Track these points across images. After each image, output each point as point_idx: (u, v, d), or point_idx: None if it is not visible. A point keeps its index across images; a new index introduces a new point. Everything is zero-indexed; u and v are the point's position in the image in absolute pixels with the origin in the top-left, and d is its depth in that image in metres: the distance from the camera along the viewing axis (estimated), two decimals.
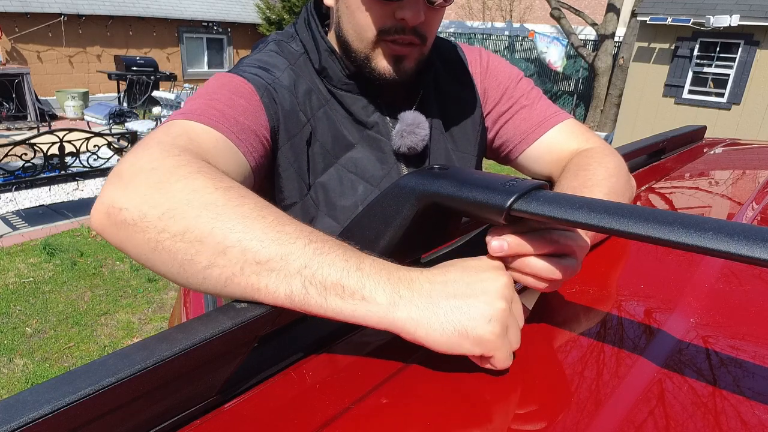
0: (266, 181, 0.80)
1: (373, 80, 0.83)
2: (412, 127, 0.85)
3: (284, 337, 0.54)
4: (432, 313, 0.45)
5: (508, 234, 0.51)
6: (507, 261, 0.52)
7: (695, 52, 8.59)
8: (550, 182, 0.93)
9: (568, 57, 11.13)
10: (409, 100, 0.89)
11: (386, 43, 0.78)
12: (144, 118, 8.50)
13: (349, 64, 0.84)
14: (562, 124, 0.94)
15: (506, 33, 13.57)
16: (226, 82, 0.75)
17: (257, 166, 0.73)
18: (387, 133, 0.87)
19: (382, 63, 0.80)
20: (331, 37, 0.86)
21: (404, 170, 0.88)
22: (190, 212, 0.48)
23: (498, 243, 0.51)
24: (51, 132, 4.43)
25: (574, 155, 0.89)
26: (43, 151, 4.24)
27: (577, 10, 10.75)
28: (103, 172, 4.81)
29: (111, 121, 8.12)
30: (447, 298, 0.46)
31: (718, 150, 1.48)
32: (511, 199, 0.47)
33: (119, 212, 0.50)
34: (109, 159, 4.85)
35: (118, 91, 10.02)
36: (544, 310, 0.59)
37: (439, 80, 0.93)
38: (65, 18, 10.37)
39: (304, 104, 0.81)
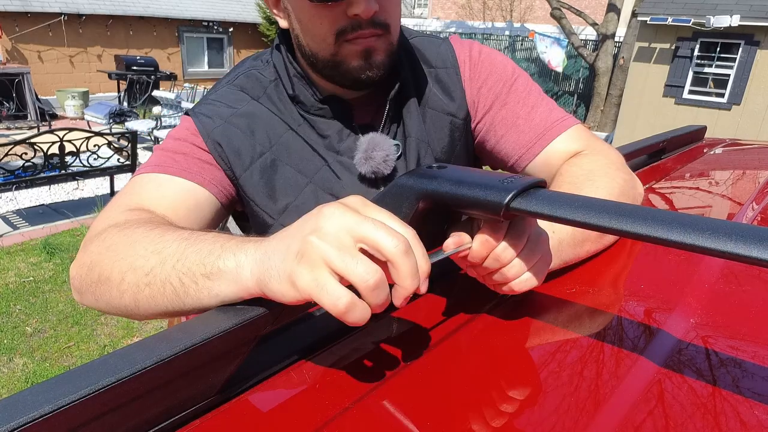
0: (247, 208, 0.86)
1: (348, 86, 0.81)
2: (368, 153, 0.81)
3: (284, 336, 0.54)
4: (268, 264, 0.43)
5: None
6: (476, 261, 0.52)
7: (695, 53, 8.59)
8: None
9: (569, 57, 11.12)
10: (378, 113, 0.85)
11: (349, 43, 0.75)
12: (144, 117, 8.50)
13: (322, 79, 0.82)
14: (565, 133, 0.85)
15: (507, 33, 13.56)
16: (177, 135, 0.82)
17: (221, 191, 0.81)
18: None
19: (352, 63, 0.76)
20: (302, 64, 0.84)
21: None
22: (99, 261, 0.59)
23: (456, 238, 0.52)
24: (51, 131, 4.42)
25: (574, 158, 0.82)
26: (43, 150, 4.23)
27: (577, 11, 10.75)
28: (103, 171, 4.81)
29: (111, 121, 8.12)
30: (277, 244, 0.44)
31: (719, 150, 1.48)
32: (509, 197, 0.47)
33: (72, 283, 0.66)
34: (109, 158, 4.85)
35: (119, 91, 10.02)
36: (543, 310, 0.59)
37: (419, 90, 0.87)
38: (65, 17, 10.37)
39: (264, 134, 0.83)
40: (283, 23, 0.81)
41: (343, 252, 0.40)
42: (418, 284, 0.42)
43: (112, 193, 5.36)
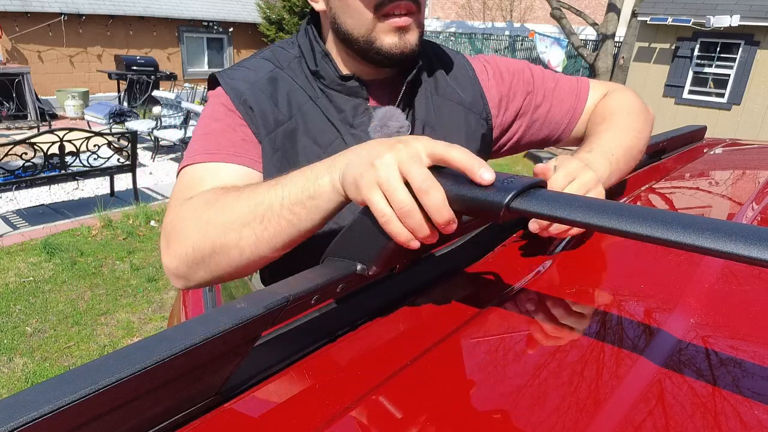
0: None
1: (379, 63, 0.87)
2: (383, 121, 0.88)
3: (284, 336, 0.54)
4: (346, 169, 0.56)
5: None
6: None
7: (695, 53, 8.59)
8: None
9: (569, 57, 11.12)
10: (394, 93, 0.93)
11: (385, 19, 0.81)
12: (144, 117, 8.49)
13: (349, 64, 0.90)
14: (590, 89, 1.05)
15: (507, 33, 13.57)
16: (215, 116, 0.87)
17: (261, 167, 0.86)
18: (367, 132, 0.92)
19: (386, 40, 0.83)
20: (329, 45, 0.92)
21: None
22: (203, 238, 0.68)
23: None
24: (51, 131, 4.42)
25: (603, 101, 1.02)
26: (43, 150, 4.24)
27: (577, 10, 10.74)
28: (103, 171, 4.81)
29: (111, 121, 8.12)
30: (353, 153, 0.57)
31: (718, 150, 1.48)
32: (509, 197, 0.47)
33: (174, 273, 0.74)
34: (109, 158, 4.85)
35: (119, 91, 10.02)
36: (544, 310, 0.59)
37: (436, 82, 0.97)
38: (65, 17, 10.37)
39: (285, 101, 0.88)
40: (319, 6, 0.88)
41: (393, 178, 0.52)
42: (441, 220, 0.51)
43: (112, 193, 5.36)
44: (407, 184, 0.51)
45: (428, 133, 0.93)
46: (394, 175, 0.51)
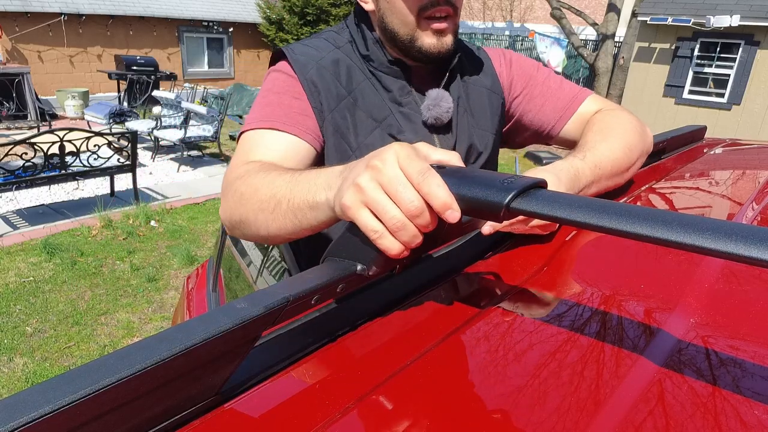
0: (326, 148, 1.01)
1: (420, 60, 0.99)
2: (436, 101, 1.00)
3: (284, 336, 0.54)
4: (337, 190, 0.57)
5: None
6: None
7: (695, 53, 8.59)
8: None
9: (569, 57, 11.12)
10: (436, 84, 1.04)
11: (427, 21, 0.93)
12: (144, 117, 8.49)
13: (394, 52, 1.01)
14: (589, 98, 1.11)
15: (507, 33, 13.57)
16: (277, 89, 0.97)
17: (315, 139, 0.95)
18: (418, 110, 1.02)
19: (427, 40, 0.95)
20: (378, 35, 1.03)
21: (435, 139, 1.03)
22: (236, 208, 0.79)
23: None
24: (51, 131, 4.42)
25: (598, 114, 1.07)
26: (43, 150, 4.24)
27: (577, 10, 10.74)
28: (103, 171, 4.81)
29: (111, 121, 8.12)
30: (342, 173, 0.59)
31: (718, 150, 1.48)
32: (509, 197, 0.47)
33: (224, 224, 0.87)
34: (109, 158, 4.85)
35: (119, 91, 10.01)
36: (544, 310, 0.59)
37: (464, 70, 1.09)
38: (65, 17, 10.37)
39: (346, 79, 0.99)
40: (369, 6, 1.00)
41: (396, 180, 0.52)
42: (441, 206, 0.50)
43: (112, 193, 5.36)
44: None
45: (463, 113, 1.05)
46: (379, 196, 0.51)
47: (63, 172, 4.50)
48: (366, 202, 0.51)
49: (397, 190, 0.50)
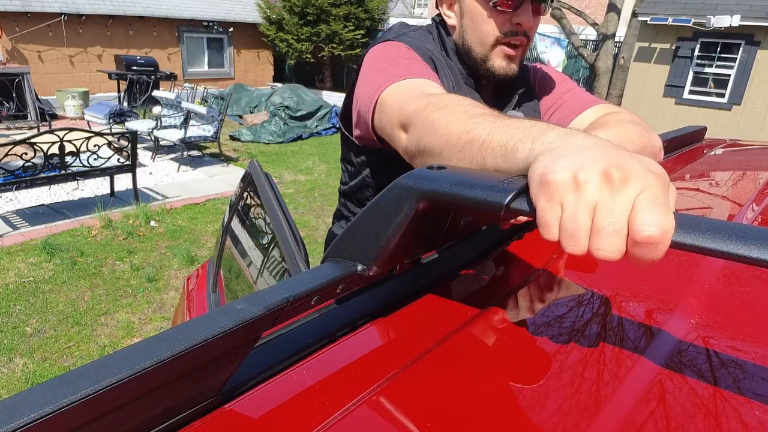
0: None
1: (487, 78, 1.06)
2: None
3: (284, 337, 0.54)
4: (548, 154, 0.48)
5: None
6: None
7: (696, 53, 8.59)
8: None
9: (569, 57, 11.12)
10: (501, 101, 1.12)
11: (502, 46, 1.00)
12: (144, 117, 8.49)
13: (464, 66, 1.07)
14: (601, 104, 1.12)
15: None
16: (398, 54, 0.96)
17: None
18: None
19: (498, 62, 1.02)
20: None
21: None
22: (422, 137, 0.74)
23: None
24: (51, 131, 4.42)
25: (607, 115, 1.07)
26: (43, 150, 4.23)
27: (577, 10, 10.73)
28: (103, 171, 4.80)
29: (111, 121, 8.12)
30: (562, 137, 0.52)
31: (719, 151, 1.48)
32: (510, 197, 0.47)
33: (404, 152, 0.83)
34: (109, 158, 4.84)
35: (119, 91, 10.01)
36: (544, 311, 0.59)
37: (523, 96, 1.16)
38: (65, 17, 10.37)
39: (442, 77, 1.01)
40: (452, 21, 1.07)
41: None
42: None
43: (112, 193, 5.36)
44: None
45: None
46: (583, 213, 0.42)
47: (63, 172, 4.49)
48: (566, 203, 0.43)
49: (606, 224, 0.41)
